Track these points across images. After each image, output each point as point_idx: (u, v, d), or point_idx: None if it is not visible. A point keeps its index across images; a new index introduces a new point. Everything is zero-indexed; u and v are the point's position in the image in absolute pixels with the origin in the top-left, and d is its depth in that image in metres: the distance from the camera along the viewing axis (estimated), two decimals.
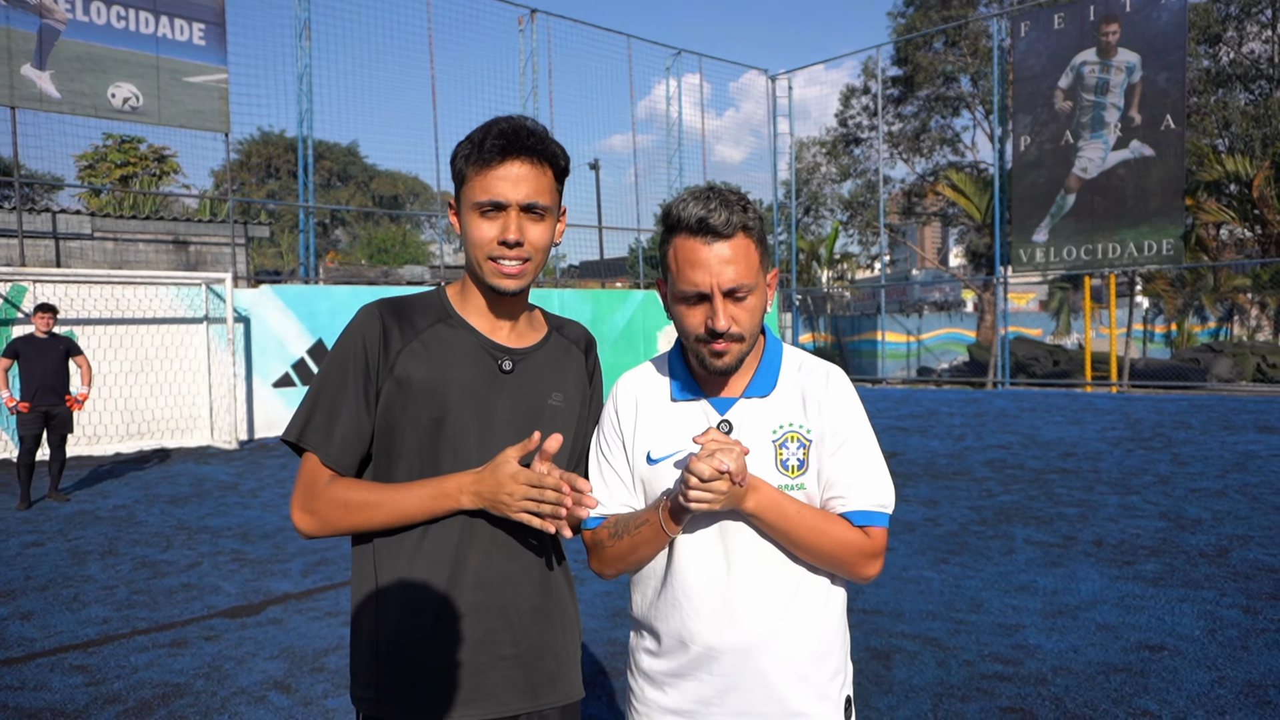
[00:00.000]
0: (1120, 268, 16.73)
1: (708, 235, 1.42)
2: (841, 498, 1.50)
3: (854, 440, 1.51)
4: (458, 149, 1.53)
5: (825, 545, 1.47)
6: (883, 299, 22.74)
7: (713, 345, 1.46)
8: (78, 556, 6.08)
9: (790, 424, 1.51)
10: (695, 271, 1.43)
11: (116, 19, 11.49)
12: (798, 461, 1.49)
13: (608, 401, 1.67)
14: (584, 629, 4.37)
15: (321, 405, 1.50)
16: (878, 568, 1.51)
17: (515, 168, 1.46)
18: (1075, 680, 3.57)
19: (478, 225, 1.48)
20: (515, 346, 1.59)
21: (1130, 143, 16.26)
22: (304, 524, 1.49)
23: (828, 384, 1.54)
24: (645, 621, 1.60)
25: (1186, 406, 12.86)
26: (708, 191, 1.46)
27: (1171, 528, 5.97)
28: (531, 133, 1.48)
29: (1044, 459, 8.86)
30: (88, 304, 11.24)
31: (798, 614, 1.49)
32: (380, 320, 1.52)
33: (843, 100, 28.12)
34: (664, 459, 1.55)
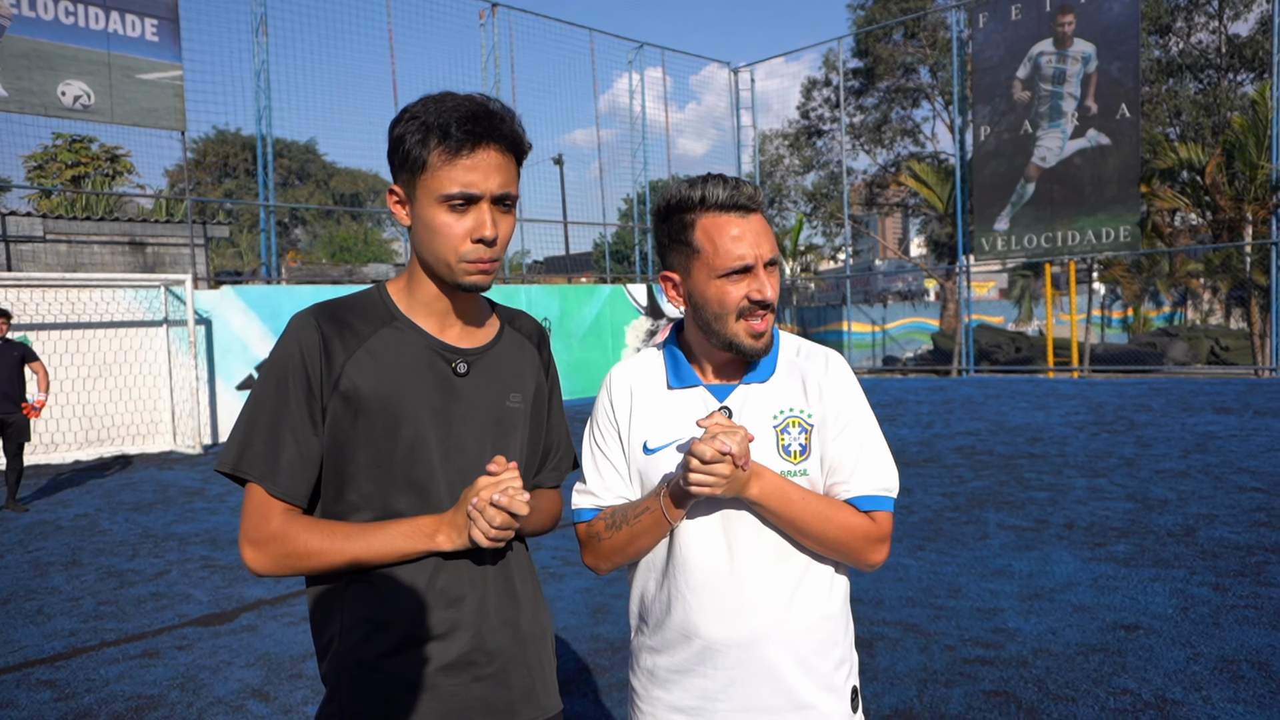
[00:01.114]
0: (1079, 254, 17.02)
1: (740, 210, 1.43)
2: (845, 482, 1.48)
3: (856, 424, 1.50)
4: (405, 127, 1.34)
5: (831, 531, 1.45)
6: (848, 289, 22.93)
7: (753, 320, 1.45)
8: (40, 568, 5.91)
9: (791, 409, 1.49)
10: (738, 245, 1.43)
11: (65, 14, 11.17)
12: (800, 447, 1.48)
13: (601, 392, 1.63)
14: (565, 626, 4.35)
15: (260, 428, 1.34)
16: (884, 553, 1.50)
17: (487, 155, 1.33)
18: (1055, 662, 3.62)
19: (445, 220, 1.34)
20: (468, 346, 1.47)
21: (1087, 131, 16.54)
22: (257, 563, 1.34)
23: (827, 368, 1.53)
24: (646, 617, 1.58)
25: (1146, 390, 13.12)
26: (717, 175, 1.45)
27: (1139, 509, 6.09)
28: (503, 116, 1.36)
29: (1012, 444, 8.98)
30: (41, 308, 10.94)
31: (802, 604, 1.48)
32: (318, 330, 1.37)
33: (804, 92, 28.28)
34: (661, 448, 1.52)
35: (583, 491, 1.60)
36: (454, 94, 1.36)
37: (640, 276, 19.83)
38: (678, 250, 1.48)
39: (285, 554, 1.33)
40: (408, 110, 1.36)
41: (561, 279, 22.32)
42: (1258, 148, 16.48)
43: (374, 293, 1.46)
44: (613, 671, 3.78)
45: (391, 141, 1.36)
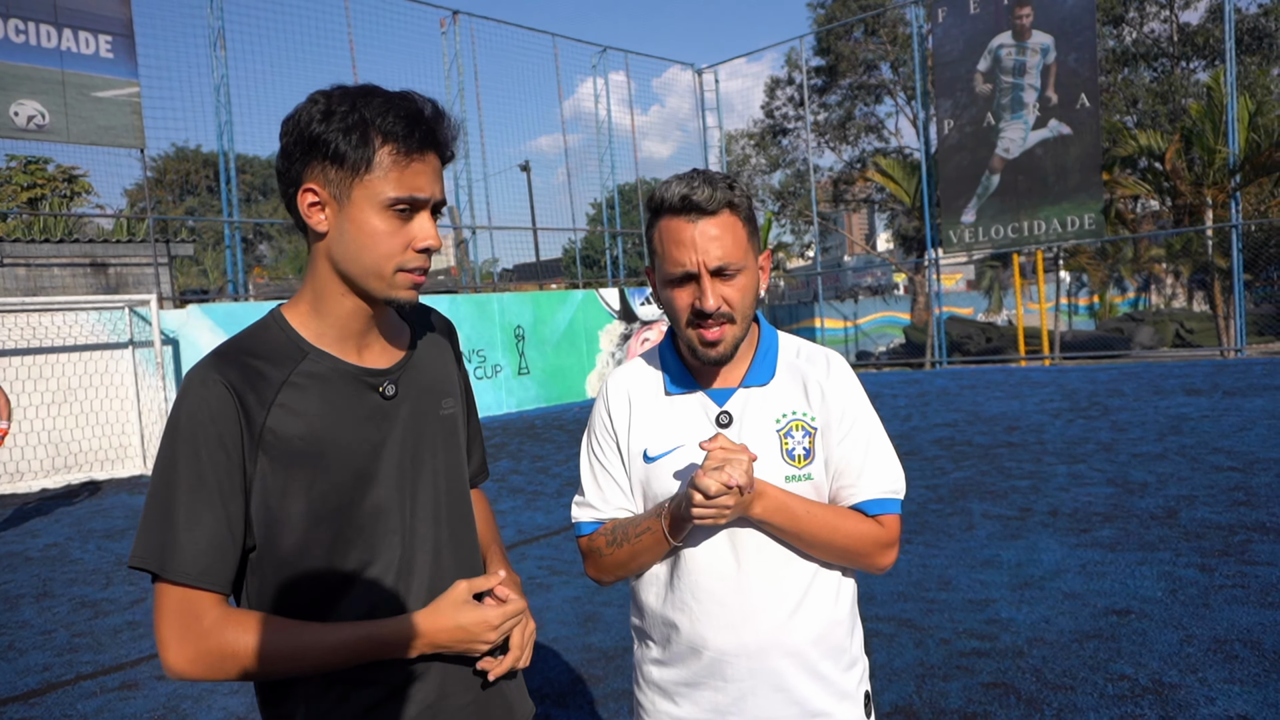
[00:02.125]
0: (1046, 244, 17.22)
1: (692, 213, 1.37)
2: (851, 486, 1.44)
3: (860, 426, 1.46)
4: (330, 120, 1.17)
5: (839, 541, 1.41)
6: (819, 286, 23.02)
7: (703, 329, 1.39)
8: (9, 601, 5.74)
9: (793, 412, 1.45)
10: (680, 250, 1.37)
11: (15, 33, 10.90)
12: (803, 450, 1.43)
13: (598, 401, 1.59)
14: (555, 637, 4.28)
15: (178, 515, 1.14)
16: (893, 557, 1.47)
17: (433, 160, 1.23)
18: (1051, 650, 3.61)
19: (386, 226, 1.19)
20: (389, 365, 1.33)
21: (1049, 122, 16.74)
22: (184, 667, 1.14)
23: (829, 369, 1.49)
24: (651, 629, 1.53)
25: (1117, 375, 13.29)
26: (692, 172, 1.39)
27: (1120, 493, 6.13)
28: (448, 122, 1.25)
29: (990, 434, 9.04)
30: (0, 334, 10.66)
31: (810, 610, 1.44)
32: (226, 386, 1.17)
33: (768, 91, 28.42)
34: (661, 456, 1.48)
35: (581, 504, 1.55)
36: (379, 88, 1.22)
37: (612, 280, 19.78)
38: (650, 251, 1.46)
39: (222, 655, 1.15)
40: (322, 103, 1.18)
41: (533, 286, 22.21)
42: (1214, 133, 16.78)
43: (273, 327, 1.27)
44: (607, 681, 3.72)
45: (305, 137, 1.18)
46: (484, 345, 15.31)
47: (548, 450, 10.61)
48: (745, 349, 1.49)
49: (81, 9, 11.38)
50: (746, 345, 1.50)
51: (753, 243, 1.43)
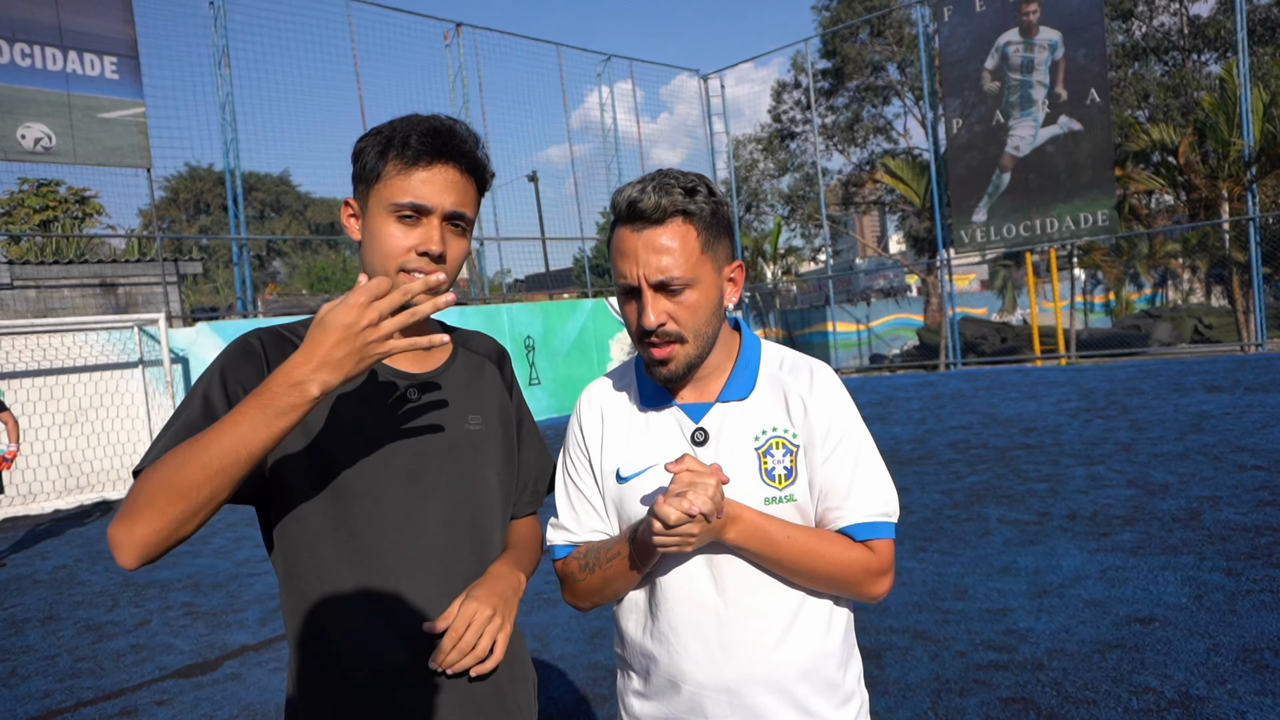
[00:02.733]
0: (1059, 241, 17.02)
1: (637, 222, 1.27)
2: (838, 509, 1.33)
3: (847, 443, 1.34)
4: (368, 141, 1.32)
5: (824, 569, 1.30)
6: (830, 290, 22.88)
7: (649, 346, 1.30)
8: (15, 626, 5.69)
9: (774, 428, 1.34)
10: (623, 262, 1.28)
11: (21, 56, 10.97)
12: (784, 470, 1.32)
13: (571, 417, 1.50)
14: (561, 654, 4.19)
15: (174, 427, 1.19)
16: (886, 585, 1.35)
17: (445, 172, 1.29)
18: (1071, 662, 3.48)
19: (390, 230, 1.28)
20: (419, 371, 1.40)
21: (1059, 118, 16.56)
22: (117, 532, 1.06)
23: (813, 382, 1.37)
24: (631, 660, 1.43)
25: (1135, 373, 13.08)
26: (653, 175, 1.29)
27: (1141, 494, 5.98)
28: (465, 138, 1.33)
29: (1006, 436, 8.88)
30: (12, 356, 10.69)
31: (797, 642, 1.33)
32: (260, 343, 1.30)
33: (775, 96, 28.33)
34: (634, 476, 1.37)
35: (556, 526, 1.46)
36: (429, 115, 1.34)
37: None
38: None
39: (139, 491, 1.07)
40: (374, 128, 1.35)
41: (543, 295, 22.19)
42: (1228, 125, 16.55)
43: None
44: (612, 702, 3.61)
45: (353, 156, 1.35)
46: None
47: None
48: (724, 360, 1.39)
49: (86, 31, 11.44)
50: (725, 356, 1.40)
51: (711, 253, 1.31)
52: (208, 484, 1.05)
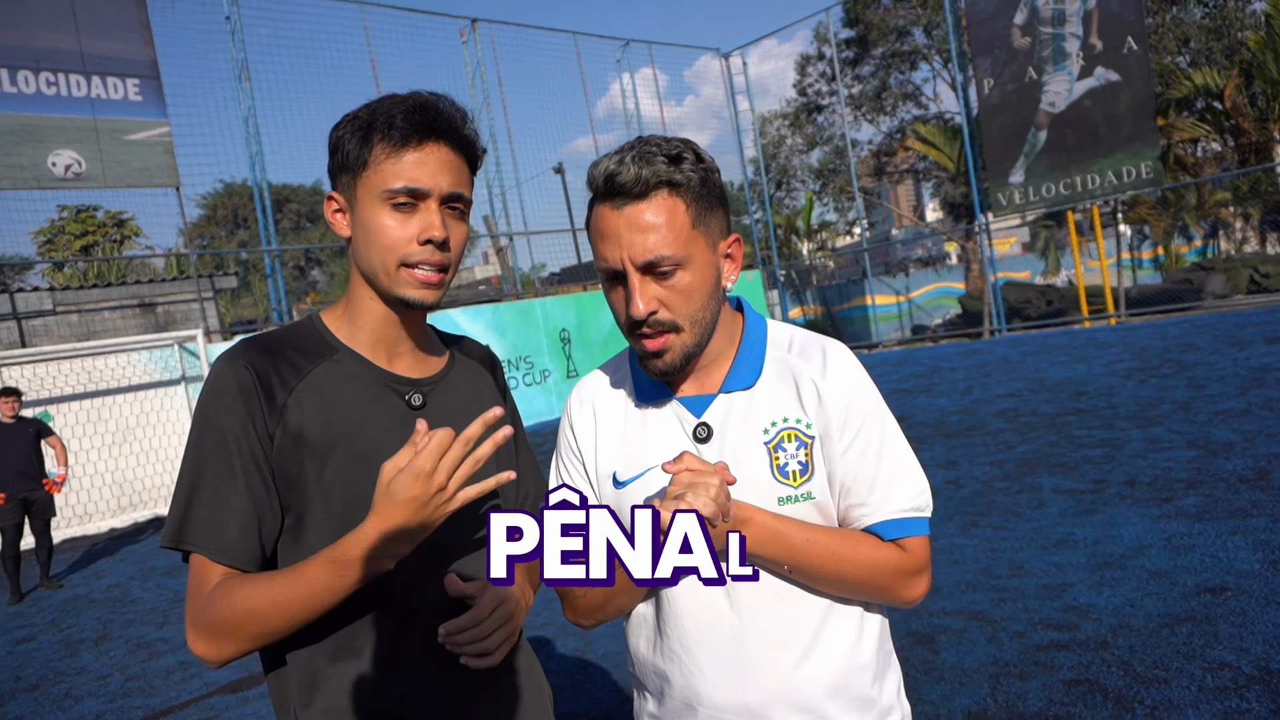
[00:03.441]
0: (1101, 197, 16.48)
1: (617, 198, 1.12)
2: (862, 505, 1.18)
3: (868, 430, 1.19)
4: (345, 128, 1.20)
5: (850, 572, 1.15)
6: (867, 263, 22.45)
7: (640, 338, 1.16)
8: (70, 647, 5.77)
9: (784, 419, 1.19)
10: (604, 245, 1.14)
11: (46, 85, 11.13)
12: (799, 465, 1.17)
13: (564, 414, 1.36)
14: (604, 653, 4.09)
15: (202, 493, 1.14)
16: (923, 588, 1.20)
17: (437, 151, 1.18)
18: (1138, 638, 3.30)
19: (386, 221, 1.17)
20: (420, 376, 1.30)
21: (1095, 70, 16.00)
22: (200, 648, 1.12)
23: (825, 364, 1.21)
24: (645, 680, 1.31)
25: (1189, 328, 12.61)
26: (632, 143, 1.13)
27: (1203, 455, 5.71)
28: (454, 113, 1.22)
29: (1056, 401, 8.59)
30: (58, 380, 10.90)
31: (824, 656, 1.19)
32: (250, 369, 1.18)
33: (799, 69, 27.86)
34: (633, 480, 1.24)
35: None
36: (410, 93, 1.22)
37: None
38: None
39: (218, 623, 1.09)
40: (348, 114, 1.23)
41: (577, 287, 22.13)
42: (1277, 63, 15.85)
43: (307, 324, 1.30)
44: None
45: (330, 146, 1.23)
46: (530, 351, 15.23)
47: None
48: (726, 345, 1.25)
49: (107, 55, 11.58)
50: (728, 341, 1.25)
51: (703, 228, 1.16)
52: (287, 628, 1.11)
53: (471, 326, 14.43)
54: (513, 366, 14.89)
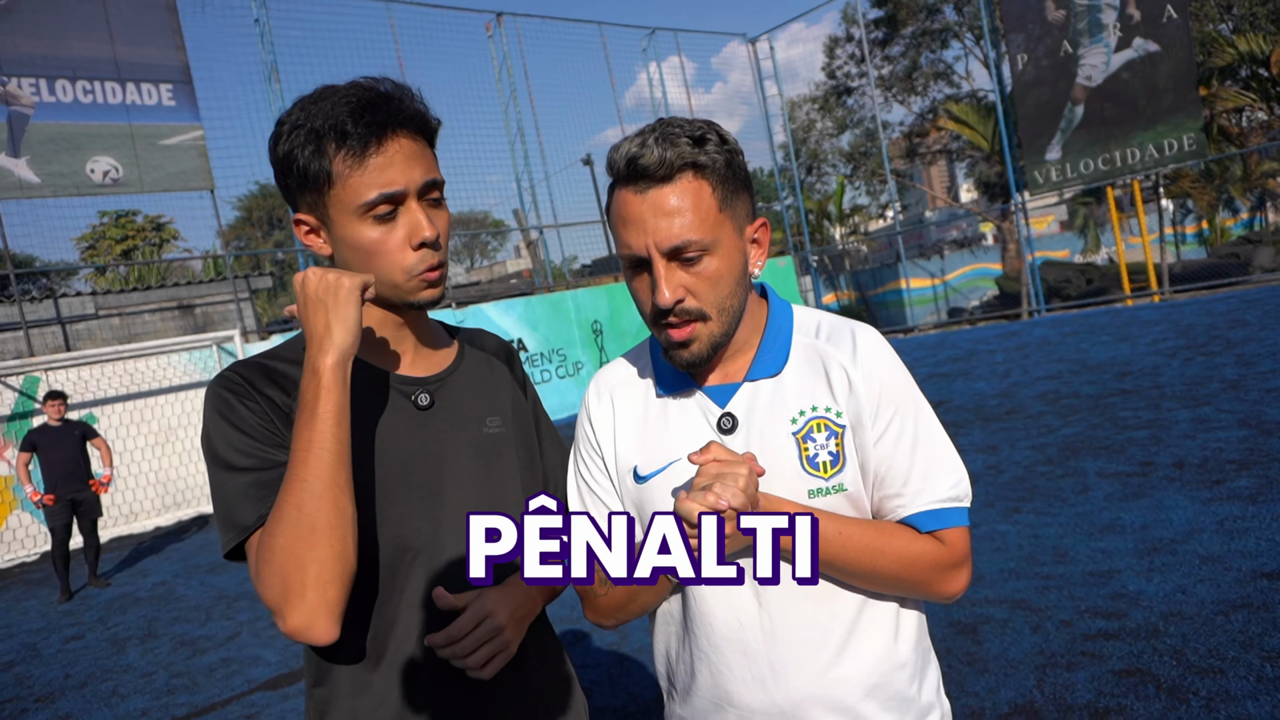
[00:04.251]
0: (1142, 172, 16.07)
1: (640, 181, 1.07)
2: (897, 496, 1.13)
3: (902, 417, 1.14)
4: (292, 141, 1.11)
5: (885, 567, 1.10)
6: (901, 246, 22.15)
7: (666, 328, 1.11)
8: (117, 645, 5.87)
9: (813, 408, 1.14)
10: (627, 231, 1.09)
11: (83, 94, 11.32)
12: (830, 456, 1.12)
13: (582, 407, 1.32)
14: (641, 645, 4.06)
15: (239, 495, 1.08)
16: (963, 581, 1.14)
17: (399, 145, 1.11)
18: (1191, 626, 3.19)
19: (373, 235, 1.11)
20: (427, 375, 1.25)
21: (1133, 41, 15.58)
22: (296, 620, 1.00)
23: (856, 350, 1.16)
24: (673, 679, 1.26)
25: (1237, 304, 12.25)
26: (654, 125, 1.08)
27: (1255, 435, 5.52)
28: (400, 97, 1.14)
29: (1099, 382, 8.39)
30: (101, 383, 11.12)
31: (859, 653, 1.14)
32: (245, 382, 1.13)
33: (827, 52, 27.51)
34: (655, 474, 1.19)
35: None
36: (334, 86, 1.14)
37: None
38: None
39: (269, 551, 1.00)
40: (285, 121, 1.13)
41: (609, 279, 22.11)
42: None
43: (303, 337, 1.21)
44: None
45: (278, 163, 1.14)
46: (563, 344, 15.25)
47: None
48: (751, 333, 1.20)
49: (141, 62, 11.75)
50: (753, 329, 1.20)
51: (730, 211, 1.11)
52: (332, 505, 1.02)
53: (504, 320, 14.47)
54: (545, 359, 14.92)
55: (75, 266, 19.95)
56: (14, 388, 10.56)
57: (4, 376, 10.45)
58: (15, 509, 10.35)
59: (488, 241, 40.48)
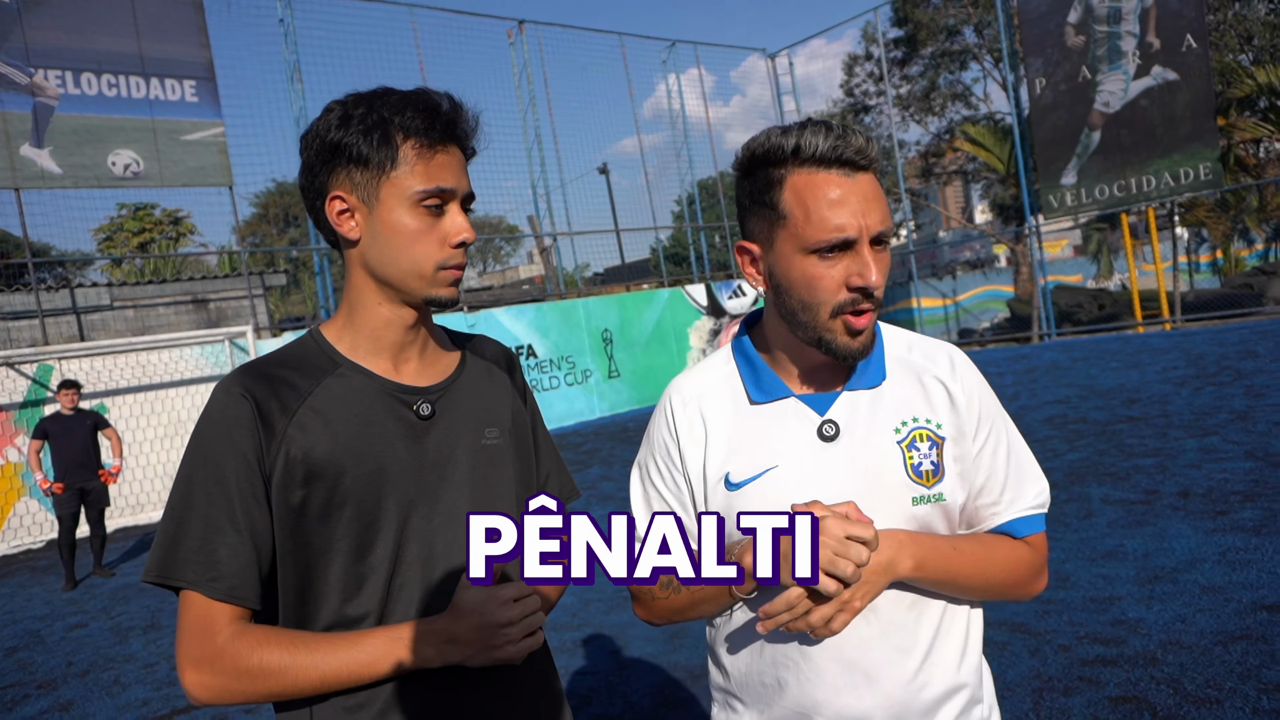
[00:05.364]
0: (1157, 199, 16.05)
1: (845, 166, 1.10)
2: (994, 505, 1.20)
3: (997, 431, 1.21)
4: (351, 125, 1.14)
5: (995, 576, 1.17)
6: (913, 265, 22.18)
7: (855, 315, 1.13)
8: (120, 634, 5.92)
9: (915, 419, 1.18)
10: (837, 211, 1.10)
11: (108, 87, 11.46)
12: (931, 465, 1.16)
13: (657, 415, 1.32)
14: (640, 654, 4.08)
15: (192, 523, 1.10)
16: (1046, 580, 1.24)
17: (457, 153, 1.20)
18: (1189, 656, 3.19)
19: (418, 223, 1.15)
20: (428, 384, 1.25)
21: (1151, 69, 15.59)
22: (199, 690, 1.08)
23: (954, 368, 1.22)
24: (741, 690, 1.25)
25: (1248, 335, 12.22)
26: (819, 120, 1.13)
27: (1262, 467, 5.52)
28: (468, 115, 1.21)
29: (1107, 409, 8.39)
30: (114, 374, 11.21)
31: (942, 659, 1.17)
32: (248, 396, 1.13)
33: (846, 70, 27.59)
34: (750, 481, 1.20)
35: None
36: (394, 89, 1.19)
37: (698, 276, 19.52)
38: (760, 215, 1.17)
39: (237, 674, 1.07)
40: (338, 111, 1.16)
41: (620, 287, 22.17)
42: None
43: (308, 341, 1.25)
44: (692, 705, 3.49)
45: (325, 145, 1.16)
46: (572, 351, 15.30)
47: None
48: None
49: (166, 58, 11.90)
50: None
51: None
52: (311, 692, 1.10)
53: (514, 326, 14.53)
54: (554, 366, 14.97)
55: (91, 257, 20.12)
56: (28, 375, 10.66)
57: (18, 364, 10.55)
58: (23, 496, 10.43)
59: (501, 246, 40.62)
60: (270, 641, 1.08)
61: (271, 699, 1.10)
